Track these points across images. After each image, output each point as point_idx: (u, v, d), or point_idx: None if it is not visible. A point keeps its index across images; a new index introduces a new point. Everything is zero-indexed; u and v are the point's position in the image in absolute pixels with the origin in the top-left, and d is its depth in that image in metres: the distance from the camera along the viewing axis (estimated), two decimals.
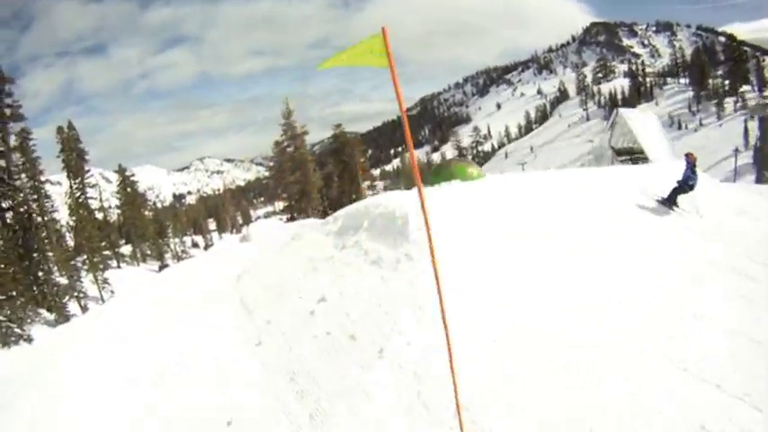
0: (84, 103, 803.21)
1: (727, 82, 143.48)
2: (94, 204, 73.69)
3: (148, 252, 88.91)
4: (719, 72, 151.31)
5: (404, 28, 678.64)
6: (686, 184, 16.69)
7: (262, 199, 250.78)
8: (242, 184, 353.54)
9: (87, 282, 56.86)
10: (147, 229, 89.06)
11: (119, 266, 77.04)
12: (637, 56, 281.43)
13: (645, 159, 27.28)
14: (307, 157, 77.21)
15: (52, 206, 57.08)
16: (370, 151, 75.13)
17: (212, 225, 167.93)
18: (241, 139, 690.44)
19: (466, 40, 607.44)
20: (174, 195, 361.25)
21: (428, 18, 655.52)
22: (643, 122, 37.82)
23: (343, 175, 79.19)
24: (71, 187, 67.52)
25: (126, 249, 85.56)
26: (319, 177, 78.24)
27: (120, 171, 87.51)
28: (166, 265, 76.07)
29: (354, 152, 78.96)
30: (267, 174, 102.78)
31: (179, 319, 16.92)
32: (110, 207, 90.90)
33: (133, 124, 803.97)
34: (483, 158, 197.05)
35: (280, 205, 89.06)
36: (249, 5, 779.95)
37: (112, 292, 57.93)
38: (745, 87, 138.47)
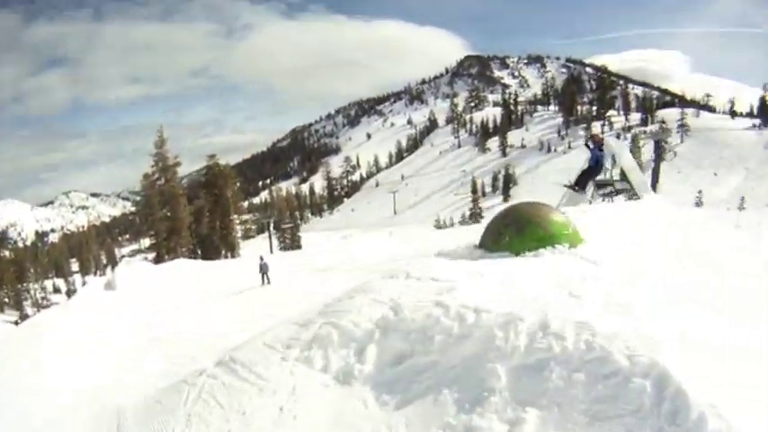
0: None
1: (594, 108, 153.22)
2: None
3: (5, 300, 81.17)
4: (586, 99, 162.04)
5: (282, 60, 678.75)
6: (598, 165, 16.46)
7: (127, 236, 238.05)
8: (107, 220, 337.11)
9: None
10: (5, 274, 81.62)
11: None
12: (506, 86, 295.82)
13: (633, 194, 22.70)
14: (177, 191, 73.29)
15: None
16: (237, 184, 72.49)
17: (75, 266, 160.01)
18: (108, 171, 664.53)
19: (342, 73, 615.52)
20: (38, 233, 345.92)
21: (307, 51, 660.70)
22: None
23: (214, 210, 75.96)
24: None
25: None
26: (189, 213, 74.49)
27: None
28: (26, 316, 68.22)
29: (227, 184, 76.07)
30: (134, 209, 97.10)
31: None
32: None
33: None
34: (352, 188, 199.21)
35: (146, 242, 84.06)
36: (134, 27, 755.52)
37: None
38: (611, 112, 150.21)
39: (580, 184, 16.72)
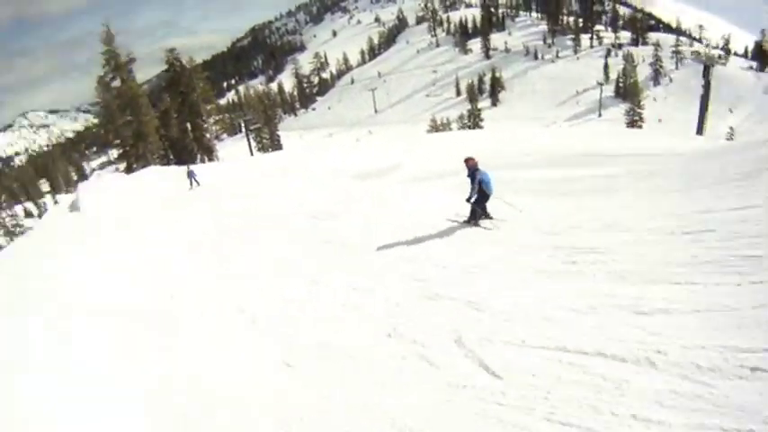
0: None
1: (580, 20, 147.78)
2: None
3: None
4: (567, 10, 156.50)
5: None
6: (482, 197, 13.55)
7: (94, 149, 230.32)
8: (71, 135, 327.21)
9: None
10: None
11: None
12: None
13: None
14: (137, 91, 64.67)
15: None
16: (204, 78, 64.63)
17: (46, 186, 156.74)
18: (64, 86, 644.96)
19: None
20: (1, 158, 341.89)
21: None
22: None
23: (182, 110, 66.94)
24: None
25: None
26: (154, 116, 64.91)
27: None
28: None
29: (194, 81, 66.63)
30: (96, 120, 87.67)
31: None
32: None
33: None
34: (323, 86, 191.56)
35: (114, 154, 75.23)
36: None
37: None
38: (599, 27, 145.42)
39: (474, 216, 13.93)
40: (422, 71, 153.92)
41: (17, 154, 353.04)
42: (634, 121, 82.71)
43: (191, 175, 32.97)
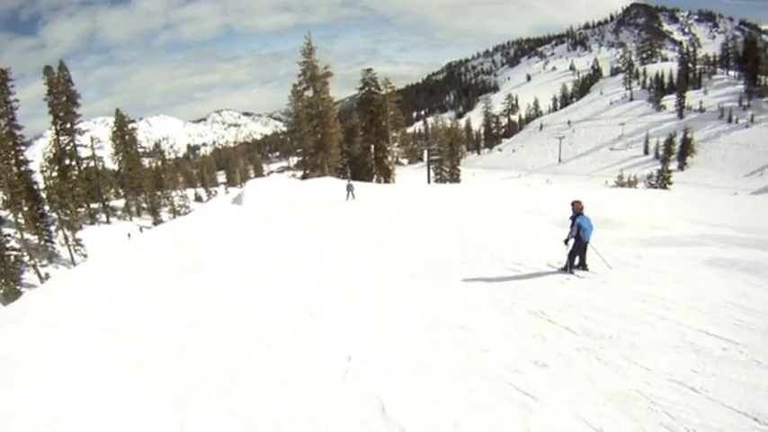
0: (106, 54, 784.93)
1: None
2: (85, 153, 70.26)
3: (144, 206, 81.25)
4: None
5: None
6: (578, 242, 13.41)
7: (277, 153, 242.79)
8: (258, 137, 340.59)
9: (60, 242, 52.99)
10: (144, 181, 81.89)
11: (108, 221, 72.37)
12: (677, 42, 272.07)
13: None
14: (328, 104, 64.03)
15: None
16: (398, 102, 64.09)
17: (222, 177, 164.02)
18: (261, 93, 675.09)
19: (499, 11, 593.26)
20: (189, 146, 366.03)
21: None
22: None
23: (369, 129, 66.23)
24: (57, 133, 64.43)
25: (120, 203, 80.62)
26: (341, 130, 64.81)
27: (118, 117, 79.06)
28: (161, 221, 70.74)
29: (386, 103, 65.73)
30: (285, 129, 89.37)
31: None
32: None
33: (153, 75, 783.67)
34: (510, 128, 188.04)
35: (294, 160, 75.87)
36: None
37: (85, 255, 51.05)
38: None
39: (568, 266, 13.35)
40: (611, 125, 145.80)
41: (204, 145, 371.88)
42: None
43: (349, 188, 36.03)
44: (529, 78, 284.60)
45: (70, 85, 65.88)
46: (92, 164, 72.37)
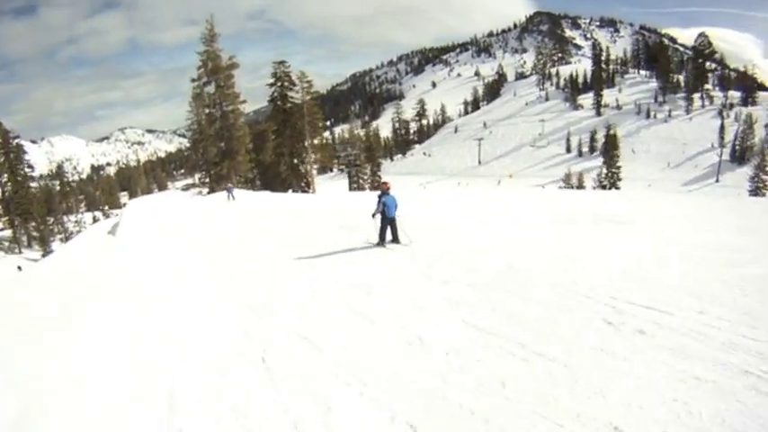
0: (5, 69, 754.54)
1: (688, 78, 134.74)
2: None
3: (35, 234, 73.13)
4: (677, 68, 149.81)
5: (340, 6, 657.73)
6: (384, 219, 14.64)
7: (182, 171, 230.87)
8: (163, 155, 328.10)
9: None
10: (33, 206, 71.76)
11: None
12: (579, 47, 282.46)
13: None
14: (233, 100, 53.20)
15: None
16: (316, 97, 55.74)
17: (126, 198, 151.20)
18: (165, 110, 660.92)
19: (403, 22, 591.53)
20: (93, 167, 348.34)
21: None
22: None
23: (283, 132, 55.81)
24: None
25: (5, 233, 70.83)
26: (247, 134, 54.47)
27: (0, 132, 67.89)
28: (51, 252, 58.66)
29: (303, 102, 55.48)
30: (189, 144, 78.15)
31: None
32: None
33: (55, 92, 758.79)
34: (421, 134, 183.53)
35: (200, 177, 65.21)
36: None
37: None
38: (707, 86, 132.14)
39: (381, 238, 14.80)
40: (529, 124, 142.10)
41: (108, 165, 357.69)
42: (758, 187, 72.25)
43: (229, 190, 37.90)
44: (434, 85, 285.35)
45: None
46: None
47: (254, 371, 7.22)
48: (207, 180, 58.65)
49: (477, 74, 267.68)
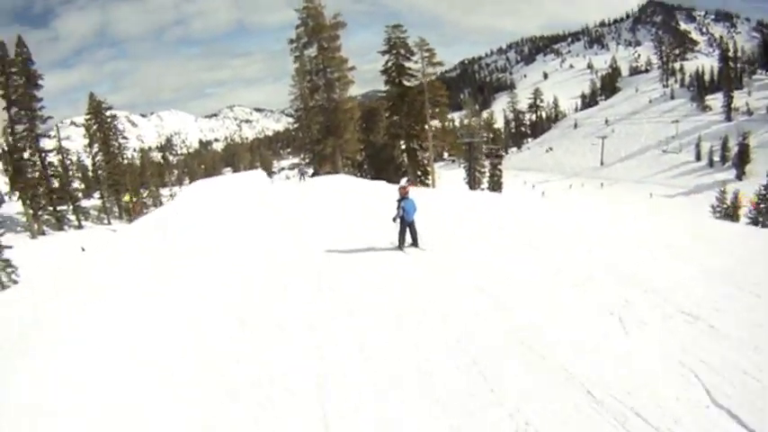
0: (117, 47, 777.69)
1: None
2: (50, 144, 57.86)
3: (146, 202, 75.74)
4: None
5: None
6: (403, 223, 14.04)
7: (289, 150, 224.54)
8: (270, 134, 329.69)
9: None
10: (126, 178, 70.35)
11: (80, 225, 59.34)
12: (695, 42, 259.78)
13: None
14: (339, 65, 41.82)
15: None
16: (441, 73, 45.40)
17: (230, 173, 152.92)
18: (273, 89, 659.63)
19: (510, 9, 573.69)
20: (201, 141, 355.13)
21: None
22: None
23: (399, 110, 44.01)
24: (11, 120, 52.31)
25: (93, 203, 69.42)
26: (355, 105, 43.80)
27: (92, 102, 65.84)
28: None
29: (424, 75, 45.98)
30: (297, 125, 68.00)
31: None
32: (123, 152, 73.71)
33: (165, 70, 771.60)
34: (534, 127, 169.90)
35: (301, 157, 56.72)
36: None
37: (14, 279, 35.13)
38: None
39: (399, 243, 14.18)
40: (654, 124, 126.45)
41: (216, 140, 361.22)
42: None
43: (302, 174, 35.37)
44: (546, 76, 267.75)
45: (30, 65, 53.10)
46: (58, 158, 59.95)
47: None
48: (308, 161, 48.79)
49: (589, 66, 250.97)
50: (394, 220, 13.36)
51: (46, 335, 10.05)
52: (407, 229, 13.52)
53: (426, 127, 45.45)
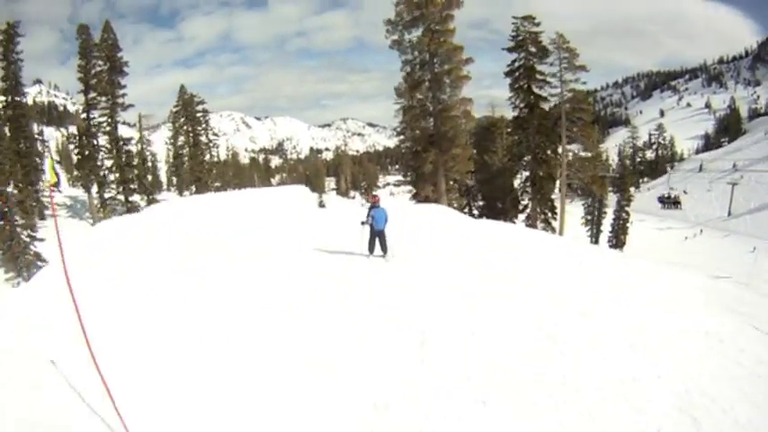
0: (239, 53, 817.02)
1: None
2: (130, 133, 58.37)
3: None
4: None
5: (566, 21, 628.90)
6: (372, 230, 14.43)
7: (397, 166, 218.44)
8: (381, 149, 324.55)
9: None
10: (208, 174, 67.49)
11: None
12: None
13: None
14: (451, 54, 30.55)
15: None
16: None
17: (333, 184, 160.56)
18: (387, 107, 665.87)
19: (627, 43, 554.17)
20: (312, 149, 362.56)
21: (592, 15, 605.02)
22: None
23: (528, 123, 32.41)
24: (87, 105, 48.66)
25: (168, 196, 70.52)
26: (472, 114, 34.48)
27: (182, 94, 64.63)
28: None
29: (562, 83, 35.71)
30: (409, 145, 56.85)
31: None
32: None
33: (283, 78, 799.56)
34: (653, 168, 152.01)
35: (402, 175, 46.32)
36: None
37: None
38: None
39: (370, 247, 14.59)
40: None
41: (327, 150, 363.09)
42: None
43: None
44: (662, 113, 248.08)
45: (116, 51, 50.55)
46: (137, 147, 57.73)
47: None
48: (407, 178, 39.75)
49: (707, 105, 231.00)
50: (363, 224, 14.03)
51: None
52: (377, 238, 13.86)
53: (560, 150, 33.82)
